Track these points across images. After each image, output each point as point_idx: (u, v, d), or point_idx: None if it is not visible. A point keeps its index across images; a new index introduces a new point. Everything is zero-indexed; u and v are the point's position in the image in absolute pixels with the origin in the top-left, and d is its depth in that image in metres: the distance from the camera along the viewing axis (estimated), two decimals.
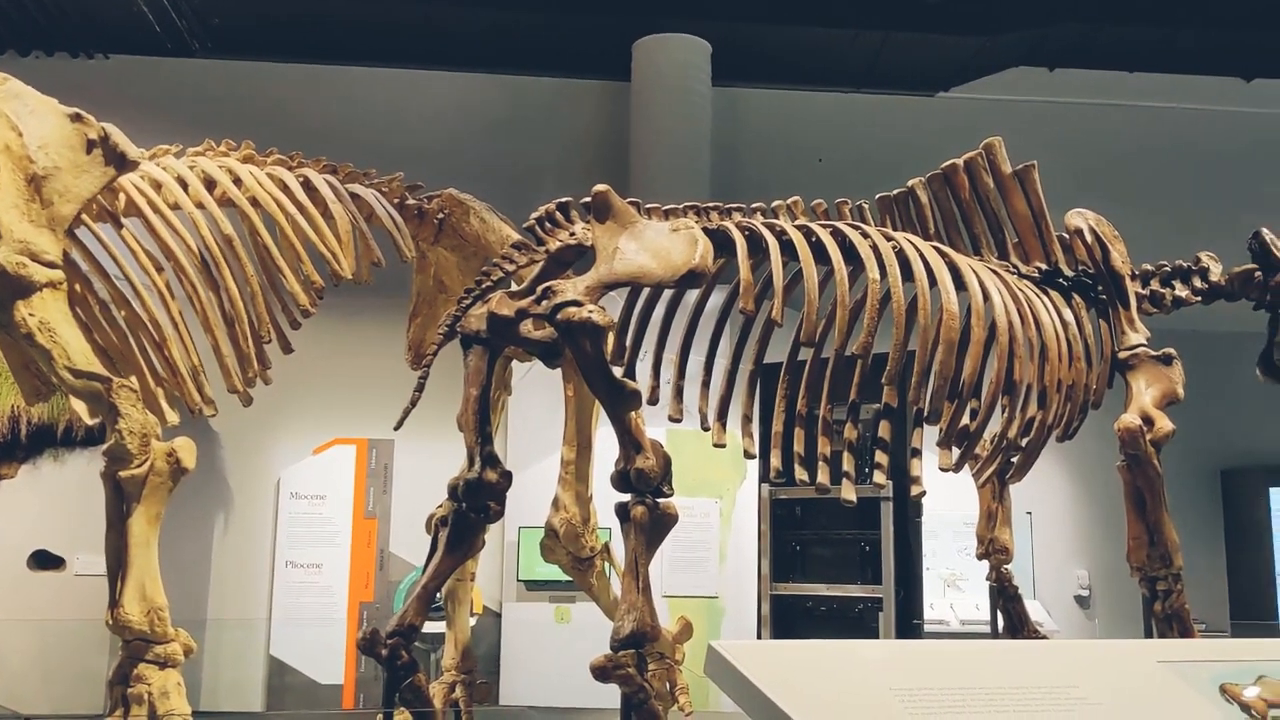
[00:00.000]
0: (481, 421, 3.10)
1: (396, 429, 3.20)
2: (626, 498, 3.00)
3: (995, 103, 9.47)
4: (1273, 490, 9.19)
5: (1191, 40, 9.27)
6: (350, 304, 5.93)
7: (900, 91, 9.61)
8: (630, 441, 2.95)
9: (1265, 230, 3.92)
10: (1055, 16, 8.96)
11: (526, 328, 2.98)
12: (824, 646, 2.31)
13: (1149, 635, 3.78)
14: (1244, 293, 3.97)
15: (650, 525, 2.94)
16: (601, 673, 2.84)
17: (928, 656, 2.37)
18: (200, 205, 3.85)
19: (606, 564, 4.38)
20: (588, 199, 3.22)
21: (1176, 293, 4.03)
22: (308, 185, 4.08)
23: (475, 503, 3.09)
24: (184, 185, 3.87)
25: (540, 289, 2.99)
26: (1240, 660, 2.46)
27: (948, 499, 5.69)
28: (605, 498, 3.37)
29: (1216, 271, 4.02)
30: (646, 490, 2.95)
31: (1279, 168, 9.40)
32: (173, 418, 3.70)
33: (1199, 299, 4.04)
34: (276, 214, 3.95)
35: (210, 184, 3.92)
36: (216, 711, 7.60)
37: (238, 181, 3.95)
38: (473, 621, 7.49)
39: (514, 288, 3.20)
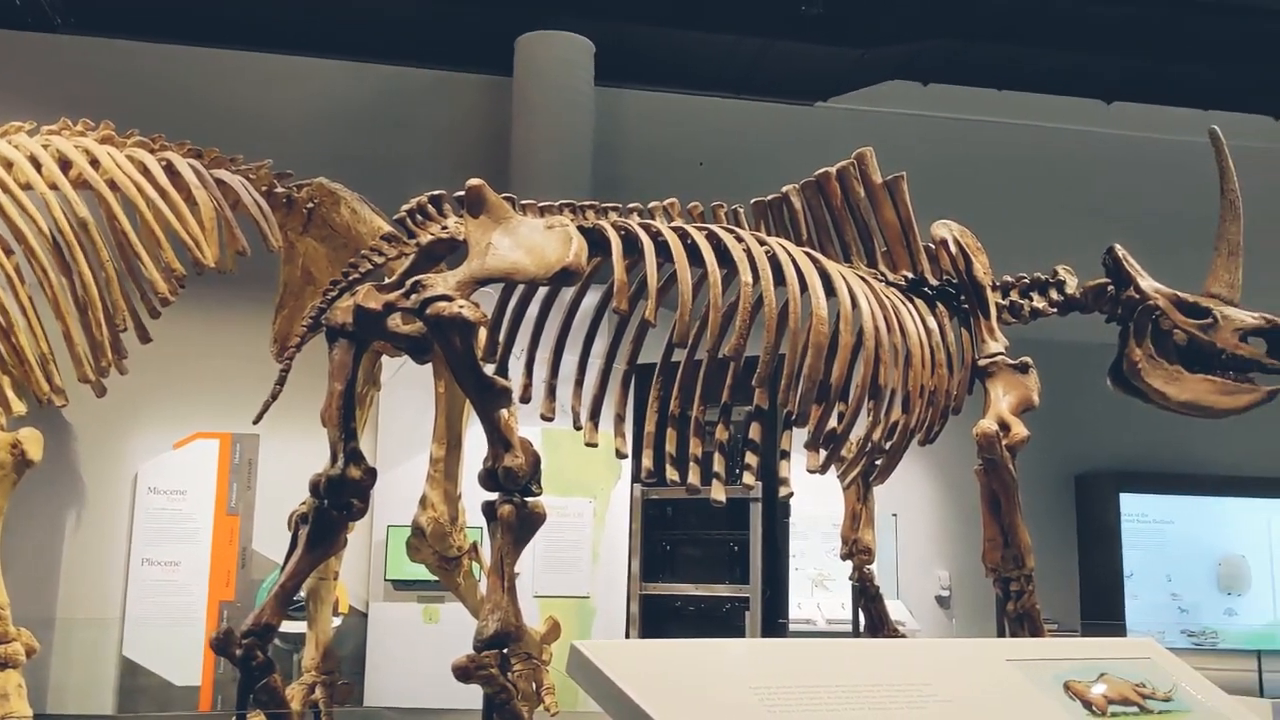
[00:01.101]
0: (346, 417, 3.03)
1: (255, 422, 3.11)
2: (494, 496, 2.97)
3: (871, 114, 9.69)
4: (1123, 495, 9.61)
5: (1056, 62, 9.65)
6: (214, 294, 5.76)
7: (780, 99, 9.76)
8: (499, 439, 2.92)
9: (1118, 247, 4.08)
10: (929, 32, 9.21)
11: (394, 322, 2.92)
12: (685, 646, 2.32)
13: (1001, 634, 3.90)
14: (1097, 306, 4.12)
15: (518, 524, 2.91)
16: (463, 673, 2.80)
17: (787, 655, 2.40)
18: (54, 186, 3.68)
19: (475, 564, 4.33)
20: (461, 193, 3.18)
21: (1034, 304, 4.16)
22: (170, 169, 3.94)
23: (337, 500, 3.02)
24: (37, 165, 3.71)
25: (409, 283, 2.94)
26: (1084, 659, 2.55)
27: (818, 500, 5.79)
28: (476, 497, 3.33)
29: (1072, 285, 4.17)
30: (514, 489, 2.92)
31: (1134, 187, 9.84)
32: (19, 407, 3.54)
33: (1055, 310, 4.18)
34: (136, 198, 3.81)
35: (65, 164, 3.76)
36: (64, 714, 7.29)
37: (95, 163, 3.79)
38: (338, 621, 7.36)
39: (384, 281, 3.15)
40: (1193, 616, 9.56)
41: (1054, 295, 4.17)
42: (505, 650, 2.90)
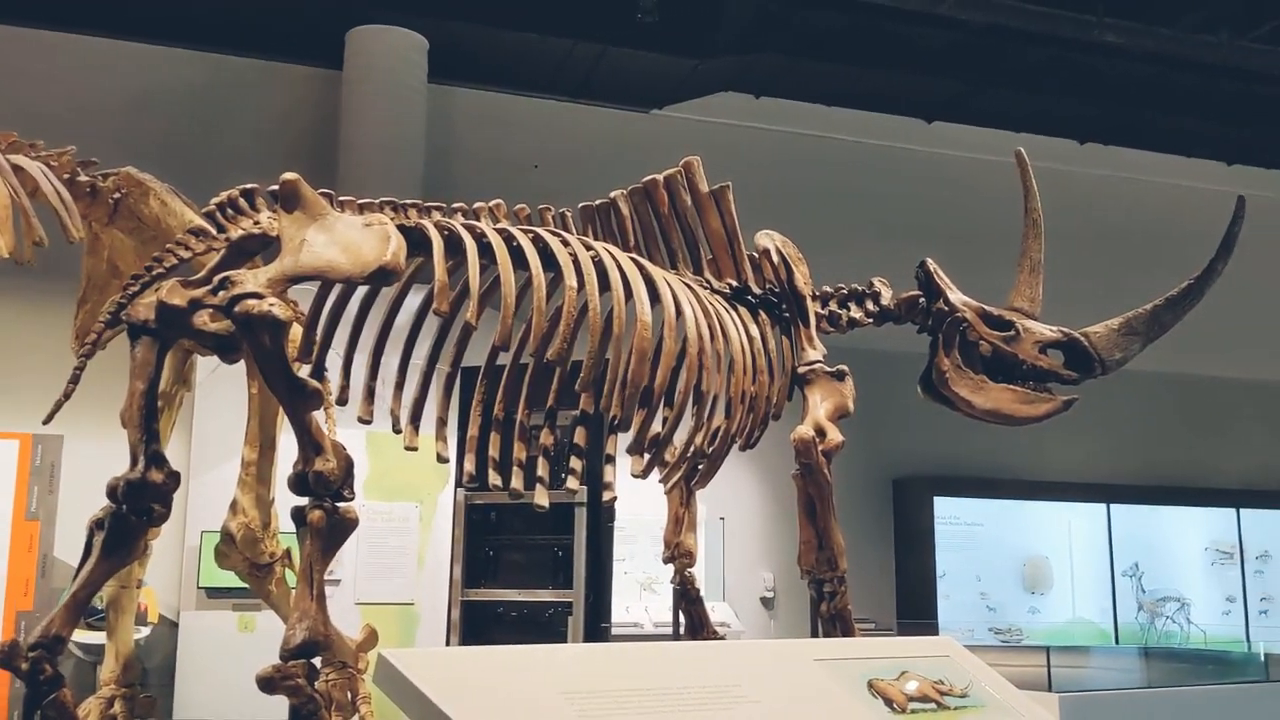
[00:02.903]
0: (148, 418, 2.89)
1: (46, 422, 2.95)
2: (305, 501, 2.87)
3: (704, 124, 9.85)
4: (937, 499, 10.02)
5: (882, 81, 10.00)
6: (11, 285, 5.43)
7: (615, 105, 9.82)
8: (310, 442, 2.83)
9: (930, 261, 4.24)
10: (762, 46, 9.42)
11: (200, 319, 2.80)
12: (497, 652, 2.30)
13: (815, 634, 4.00)
14: (910, 317, 4.27)
15: (328, 530, 2.83)
16: (268, 684, 2.70)
17: (601, 659, 2.40)
18: None
19: (288, 571, 4.19)
20: (276, 186, 3.07)
21: (852, 314, 4.28)
22: None
23: (136, 505, 2.88)
24: None
25: (217, 279, 2.82)
26: (887, 657, 2.64)
27: (648, 505, 5.83)
28: (290, 501, 3.22)
29: (887, 296, 4.30)
30: (326, 493, 2.84)
31: (949, 204, 10.29)
32: None
33: (871, 321, 4.31)
34: None
35: None
36: None
37: None
38: (147, 631, 7.03)
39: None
40: (1000, 615, 10.04)
41: (870, 306, 4.30)
42: (313, 660, 2.81)
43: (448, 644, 5.70)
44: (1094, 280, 8.95)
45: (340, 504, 2.86)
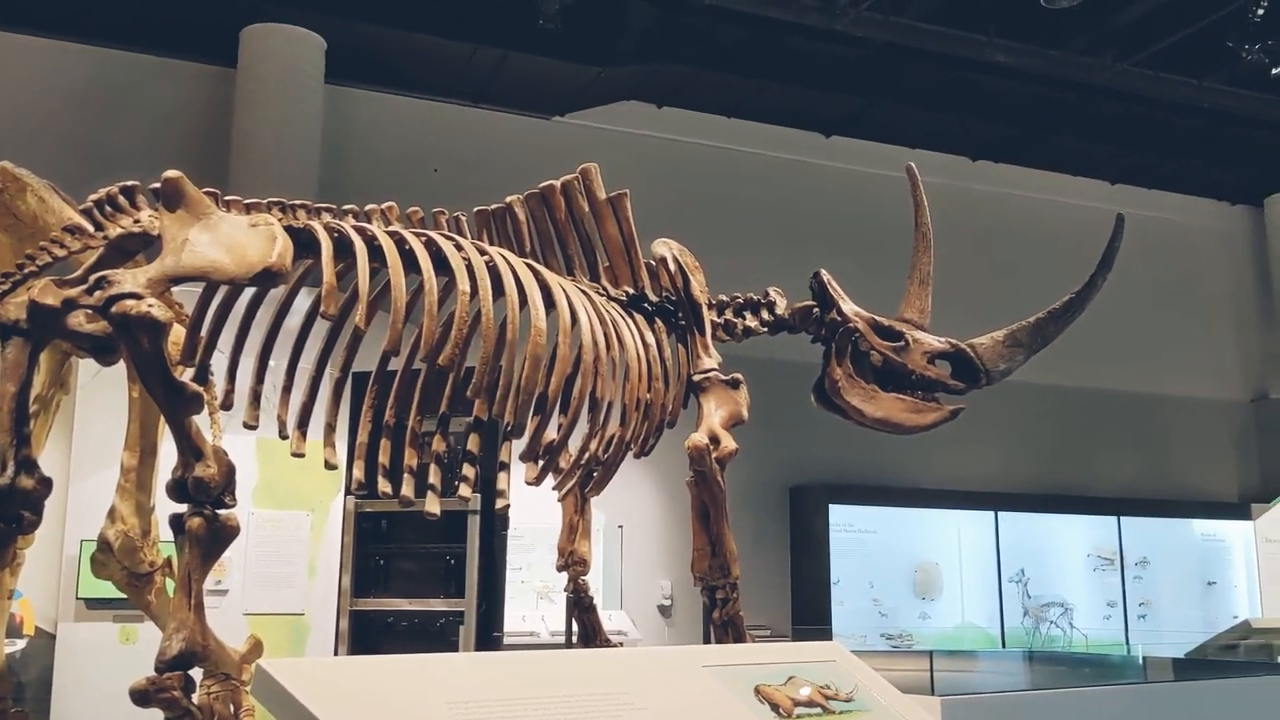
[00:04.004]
0: (18, 422, 2.77)
1: None
2: (183, 508, 2.79)
3: (606, 131, 9.87)
4: (832, 506, 10.16)
5: (782, 95, 10.15)
6: None
7: (517, 111, 9.78)
8: (189, 448, 2.75)
9: (824, 271, 4.30)
10: (665, 57, 9.49)
11: (75, 320, 2.70)
12: (382, 662, 2.26)
13: (708, 640, 4.01)
14: (804, 326, 4.32)
15: (208, 538, 2.74)
16: (143, 697, 2.61)
17: (489, 668, 2.38)
18: None
19: (169, 580, 4.06)
20: (158, 184, 2.98)
21: (747, 323, 4.31)
22: None
23: (5, 512, 2.76)
24: None
25: (94, 278, 2.72)
26: (775, 663, 2.66)
27: (546, 512, 5.79)
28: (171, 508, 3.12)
29: (782, 305, 4.34)
30: (205, 500, 2.75)
31: (845, 216, 10.48)
32: None
33: (766, 330, 4.35)
34: None
35: None
36: None
37: None
38: (22, 644, 6.75)
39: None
40: (891, 620, 10.22)
41: (765, 315, 4.33)
42: (193, 672, 2.72)
43: (336, 655, 5.58)
44: (982, 293, 9.20)
45: (221, 511, 2.78)
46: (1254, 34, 8.93)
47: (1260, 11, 8.73)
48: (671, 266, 4.07)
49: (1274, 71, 9.39)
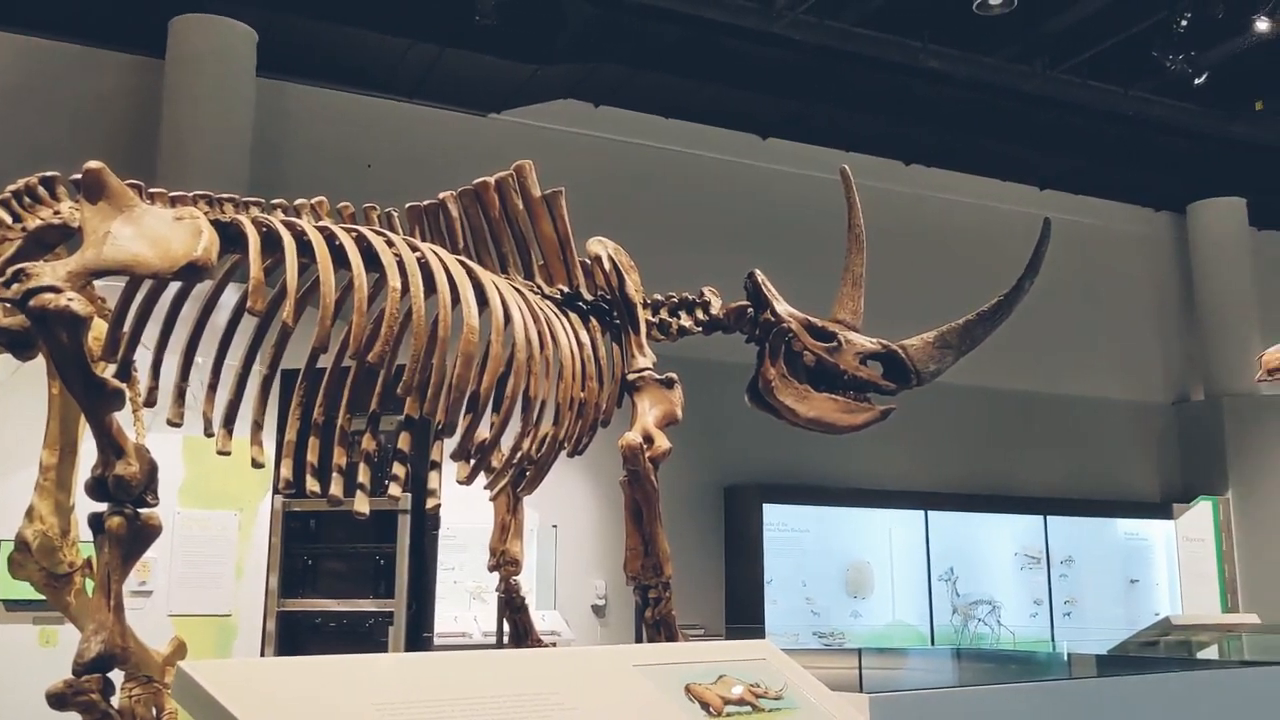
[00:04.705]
0: None
1: None
2: (103, 507, 2.72)
3: (542, 130, 9.83)
4: (766, 506, 10.22)
5: (719, 96, 10.18)
6: None
7: (452, 107, 9.71)
8: (109, 445, 2.68)
9: (758, 272, 4.32)
10: (602, 56, 9.47)
11: None
12: (306, 663, 2.22)
13: (640, 640, 4.01)
14: (738, 326, 4.33)
15: (128, 538, 2.68)
16: (59, 700, 2.55)
17: (417, 669, 2.35)
18: None
19: (89, 581, 3.96)
20: (79, 175, 2.90)
21: (682, 322, 4.32)
22: None
23: None
24: None
25: (11, 271, 2.64)
26: (706, 662, 2.67)
27: (479, 512, 5.76)
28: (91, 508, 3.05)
29: (717, 305, 4.35)
30: (126, 499, 2.69)
31: (781, 217, 10.55)
32: None
33: (701, 330, 4.36)
34: None
35: None
36: None
37: None
38: None
39: None
40: (823, 619, 10.30)
41: (700, 315, 4.34)
42: (115, 674, 2.66)
43: (263, 656, 5.50)
44: (913, 295, 9.31)
45: (142, 510, 2.72)
46: (1178, 45, 9.15)
47: (1184, 23, 8.94)
48: (606, 265, 4.07)
49: (1197, 82, 9.63)
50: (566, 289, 4.02)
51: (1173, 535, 12.07)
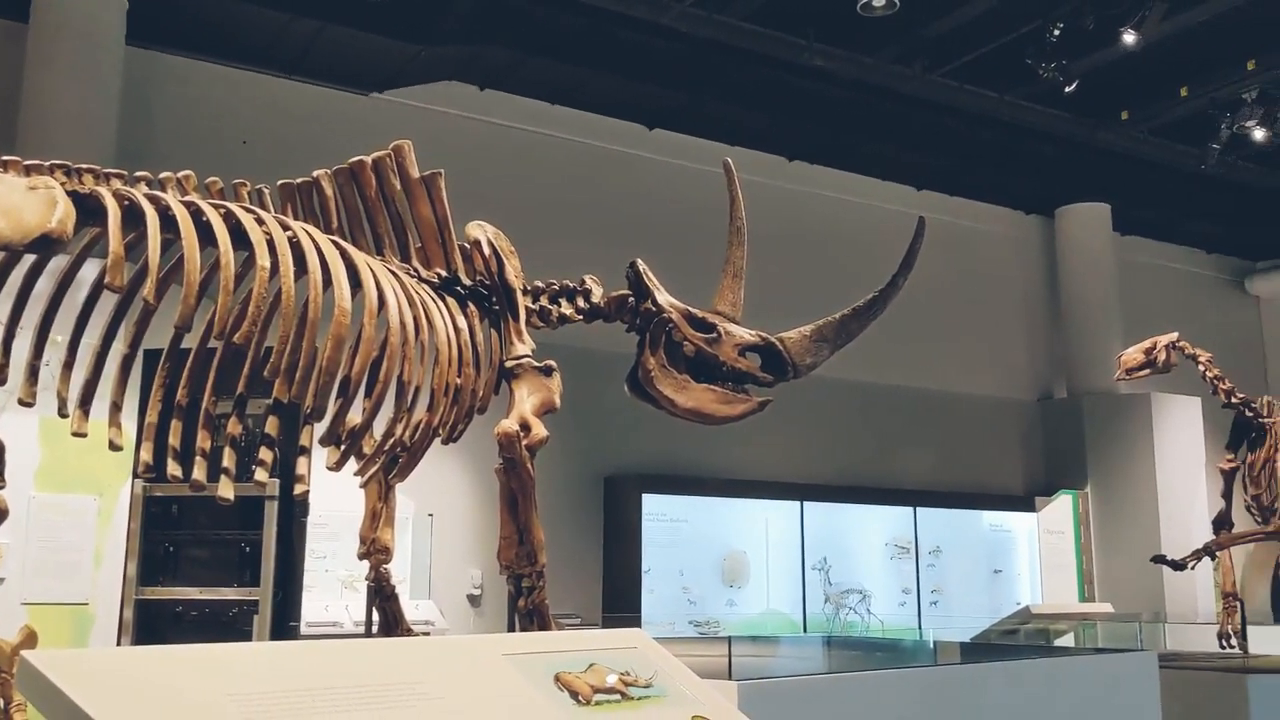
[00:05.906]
0: None
1: None
2: None
3: (424, 111, 9.68)
4: (645, 496, 10.27)
5: (607, 85, 10.16)
6: None
7: (333, 85, 9.48)
8: None
9: (640, 261, 4.31)
10: (489, 39, 9.36)
11: None
12: (160, 652, 2.14)
13: (513, 629, 3.98)
14: (619, 315, 4.32)
15: None
16: None
17: (277, 658, 2.28)
18: None
19: None
20: None
21: (562, 310, 4.29)
22: None
23: None
24: None
25: None
26: (576, 650, 2.65)
27: (352, 499, 5.64)
28: None
29: (598, 294, 4.33)
30: None
31: (664, 208, 10.59)
32: None
33: (581, 318, 4.33)
34: None
35: None
36: None
37: None
38: None
39: None
40: (700, 608, 10.41)
41: (581, 303, 4.31)
42: None
43: (118, 644, 5.30)
44: (792, 289, 9.45)
45: None
46: (1051, 53, 9.46)
47: (1056, 33, 9.25)
48: (486, 250, 4.01)
49: (1067, 90, 9.98)
50: (444, 273, 3.95)
51: (1035, 527, 12.53)
